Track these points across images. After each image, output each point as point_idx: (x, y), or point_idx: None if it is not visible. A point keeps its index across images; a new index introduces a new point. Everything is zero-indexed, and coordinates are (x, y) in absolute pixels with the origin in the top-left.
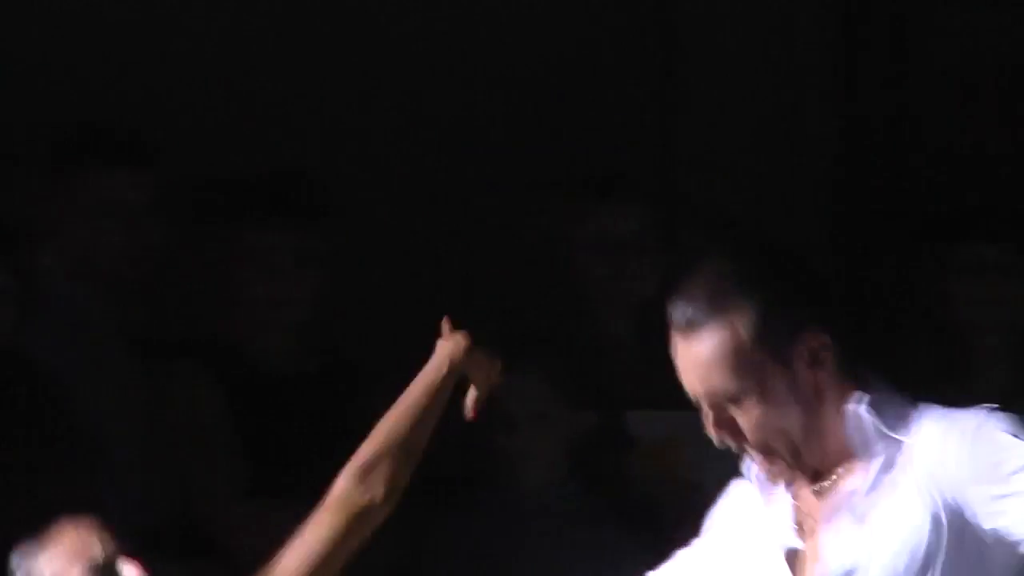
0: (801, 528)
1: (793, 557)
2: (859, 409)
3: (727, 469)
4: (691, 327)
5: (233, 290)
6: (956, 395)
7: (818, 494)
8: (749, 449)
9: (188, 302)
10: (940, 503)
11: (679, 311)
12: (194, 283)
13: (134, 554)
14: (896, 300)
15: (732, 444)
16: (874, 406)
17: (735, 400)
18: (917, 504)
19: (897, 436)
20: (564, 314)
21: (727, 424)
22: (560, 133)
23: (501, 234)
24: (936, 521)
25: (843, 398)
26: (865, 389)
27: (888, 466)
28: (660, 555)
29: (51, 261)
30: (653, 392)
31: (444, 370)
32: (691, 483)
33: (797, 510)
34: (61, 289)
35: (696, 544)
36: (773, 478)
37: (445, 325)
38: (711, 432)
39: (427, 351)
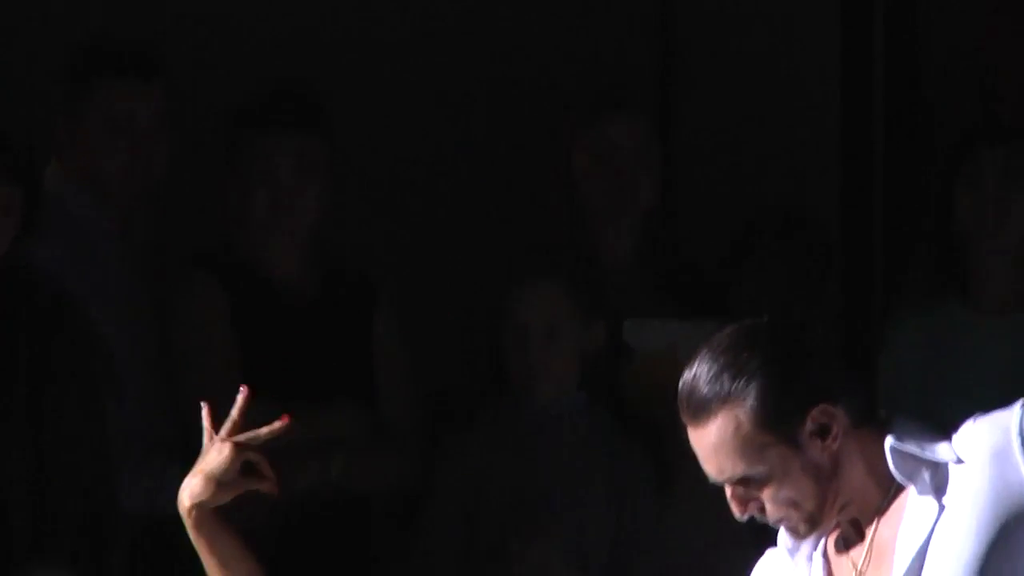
0: None
1: None
2: (896, 444)
3: None
4: (696, 417)
5: (237, 201)
6: (961, 305)
7: (854, 550)
8: (767, 520)
9: (194, 214)
10: (1005, 516)
11: (685, 402)
12: (199, 195)
13: None
14: (902, 211)
15: (755, 513)
16: (906, 438)
17: (746, 483)
18: (975, 524)
19: (939, 459)
20: (567, 228)
21: (745, 499)
22: (560, 48)
23: (505, 148)
24: (993, 539)
25: (865, 449)
26: (889, 429)
27: (939, 489)
28: (661, 465)
29: (61, 175)
30: (652, 302)
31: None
32: None
33: (830, 571)
34: (71, 203)
35: None
36: (799, 539)
37: None
38: (732, 506)
39: (432, 261)
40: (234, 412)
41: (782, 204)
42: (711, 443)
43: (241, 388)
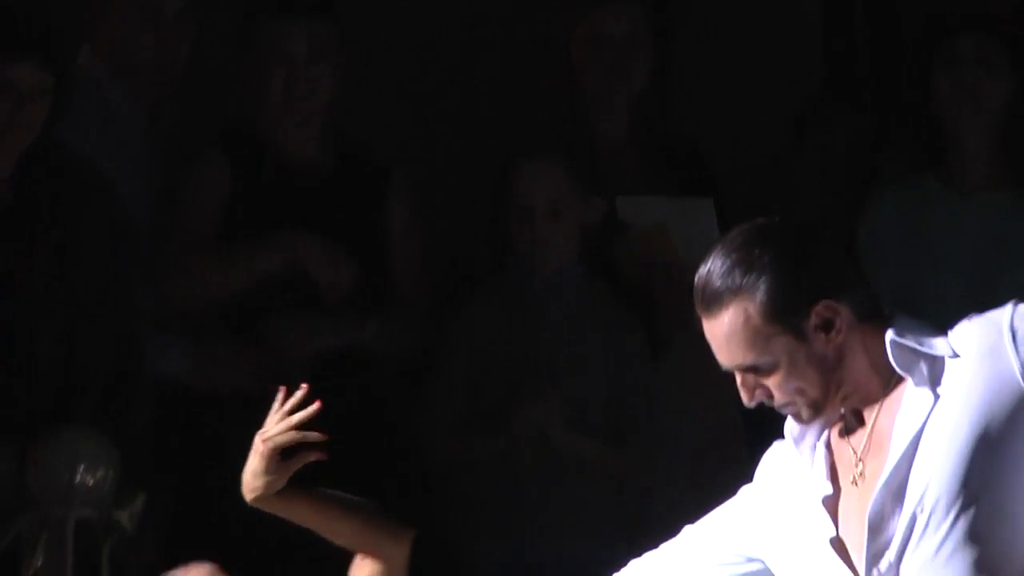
0: (835, 475)
1: (831, 503)
2: (895, 338)
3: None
4: (709, 309)
5: (253, 85)
6: (938, 183)
7: (854, 438)
8: (773, 405)
9: (214, 98)
10: (998, 410)
11: (699, 294)
12: (218, 79)
13: None
14: (883, 94)
15: (762, 400)
16: (905, 334)
17: (754, 370)
18: (969, 417)
19: (936, 353)
20: (567, 110)
21: (753, 386)
22: None
23: (509, 35)
24: (984, 429)
25: (868, 343)
26: (890, 324)
27: (934, 381)
28: (655, 333)
29: (94, 60)
30: (645, 180)
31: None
32: (683, 264)
33: (832, 460)
34: (103, 87)
35: (736, 502)
36: (803, 424)
37: None
38: (741, 392)
39: (440, 140)
40: (276, 406)
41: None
42: (723, 333)
43: (302, 386)
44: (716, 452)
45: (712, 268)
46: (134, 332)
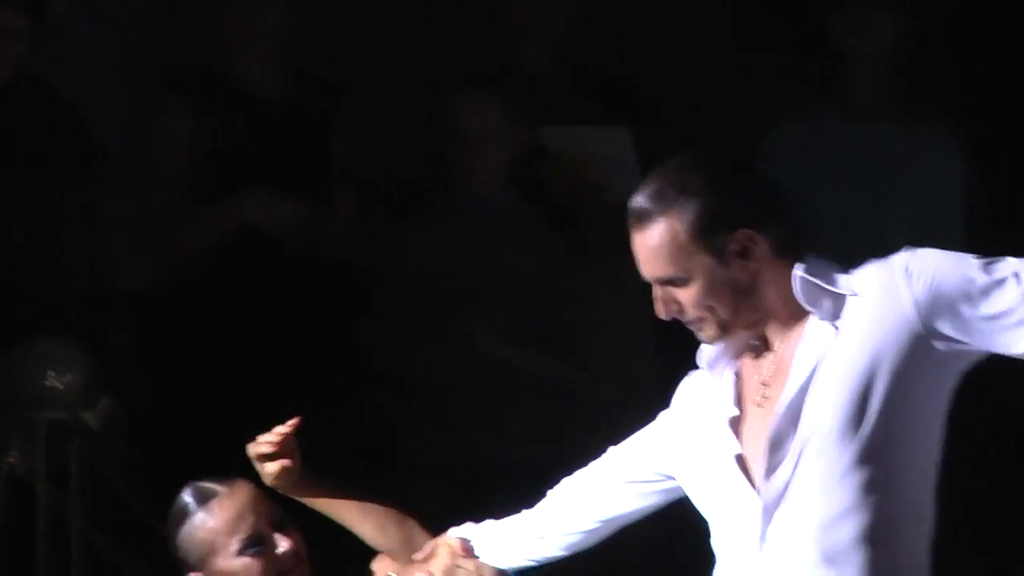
0: (742, 400)
1: (736, 424)
2: (803, 275)
3: (635, 182)
4: (639, 221)
5: (215, 21)
6: (834, 116)
7: (761, 365)
8: (684, 319)
9: (179, 36)
10: (889, 345)
11: (633, 205)
12: (182, 17)
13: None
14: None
15: (674, 314)
16: (814, 271)
17: (673, 283)
18: (864, 351)
19: (839, 291)
20: (497, 45)
21: (668, 299)
22: None
23: None
24: (880, 361)
25: (781, 277)
26: (803, 262)
27: (835, 316)
28: (582, 253)
29: (66, 4)
30: (573, 110)
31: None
32: (602, 188)
33: (740, 385)
34: (75, 26)
35: (654, 425)
36: (708, 342)
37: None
38: (656, 306)
39: (384, 69)
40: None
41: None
42: (649, 246)
43: (293, 420)
44: (636, 360)
45: (649, 188)
46: (103, 247)
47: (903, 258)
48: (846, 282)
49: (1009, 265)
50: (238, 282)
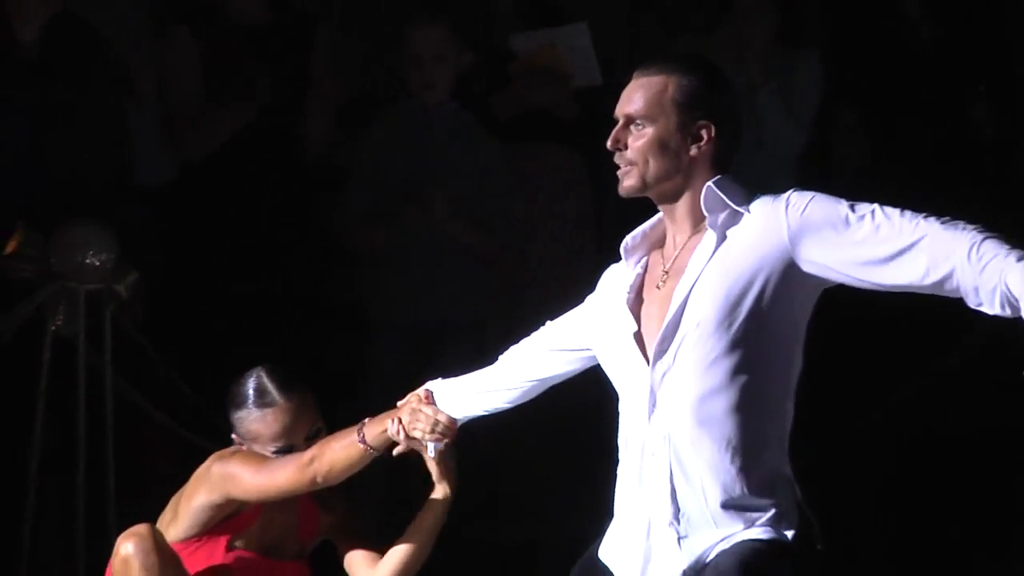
0: (646, 286)
1: (636, 307)
2: (712, 185)
3: (594, 68)
4: (646, 69)
5: None
6: None
7: (665, 259)
8: (621, 161)
9: None
10: (765, 260)
11: (646, 62)
12: None
13: None
14: None
15: (617, 147)
16: (723, 186)
17: (634, 123)
18: (745, 261)
19: (738, 208)
20: None
21: (621, 136)
22: None
23: None
24: (756, 272)
25: (702, 178)
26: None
27: (726, 227)
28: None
29: None
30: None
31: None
32: (564, 72)
33: (646, 275)
34: None
35: (581, 306)
36: (622, 191)
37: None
38: (609, 139)
39: (367, 5)
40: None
41: None
42: (641, 86)
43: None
44: (571, 240)
45: (667, 56)
46: (128, 149)
47: (790, 193)
48: (744, 203)
49: (871, 207)
50: (234, 178)
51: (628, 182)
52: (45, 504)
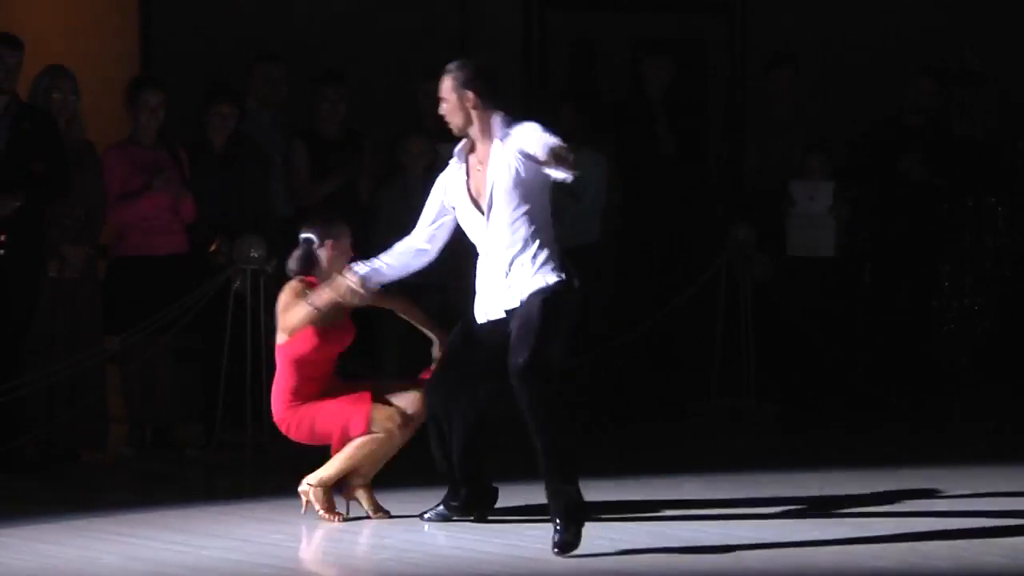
0: (471, 170)
1: (468, 183)
2: (499, 119)
3: None
4: (444, 73)
5: None
6: None
7: (480, 163)
8: (445, 119)
9: None
10: (519, 155)
11: (446, 67)
12: None
13: None
14: None
15: (442, 114)
16: (503, 119)
17: (443, 101)
18: (512, 157)
19: (510, 131)
20: None
21: (440, 109)
22: None
23: None
24: (519, 163)
25: (484, 117)
26: (498, 114)
27: (504, 138)
28: None
29: None
30: None
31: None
32: None
33: (469, 166)
34: None
35: (435, 191)
36: (454, 130)
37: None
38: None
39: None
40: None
41: None
42: (443, 84)
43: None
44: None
45: (451, 65)
46: (267, 198)
47: (525, 123)
48: (511, 127)
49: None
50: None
51: (453, 127)
52: (231, 375)
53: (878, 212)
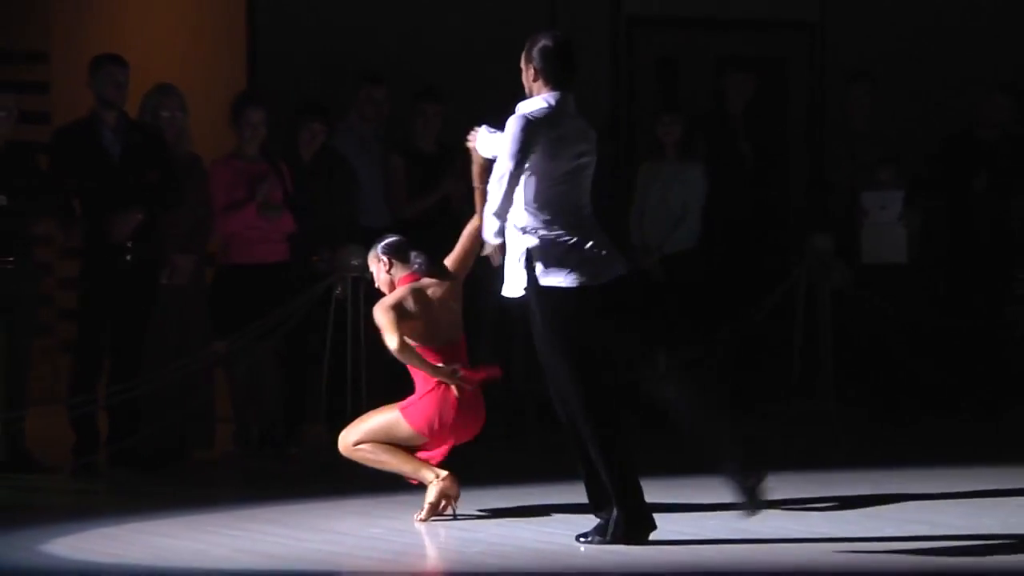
0: None
1: None
2: (539, 97)
3: None
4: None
5: None
6: None
7: None
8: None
9: None
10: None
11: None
12: None
13: None
14: None
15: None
16: (538, 99)
17: (522, 64)
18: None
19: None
20: None
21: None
22: None
23: None
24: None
25: (539, 92)
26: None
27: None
28: None
29: None
30: None
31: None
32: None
33: None
34: None
35: None
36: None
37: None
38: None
39: None
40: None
41: None
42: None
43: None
44: None
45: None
46: (355, 212)
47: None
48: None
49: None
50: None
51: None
52: (333, 370)
53: (952, 220)
